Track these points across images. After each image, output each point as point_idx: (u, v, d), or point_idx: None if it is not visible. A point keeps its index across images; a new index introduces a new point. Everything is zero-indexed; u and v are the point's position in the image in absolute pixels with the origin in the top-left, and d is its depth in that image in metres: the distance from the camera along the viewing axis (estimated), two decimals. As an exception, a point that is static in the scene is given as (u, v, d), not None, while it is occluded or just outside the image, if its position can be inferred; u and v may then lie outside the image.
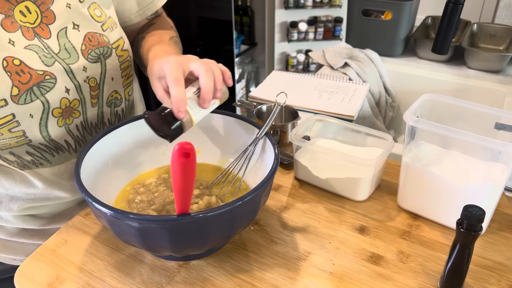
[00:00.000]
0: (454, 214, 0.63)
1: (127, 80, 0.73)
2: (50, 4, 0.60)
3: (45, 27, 0.60)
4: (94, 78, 0.66)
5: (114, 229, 0.52)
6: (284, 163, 0.79)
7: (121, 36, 0.69)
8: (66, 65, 0.61)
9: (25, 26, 0.58)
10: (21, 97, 0.58)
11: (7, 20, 0.57)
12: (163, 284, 0.56)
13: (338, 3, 2.19)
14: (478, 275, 0.57)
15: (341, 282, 0.56)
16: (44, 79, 0.59)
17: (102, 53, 0.65)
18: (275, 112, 0.66)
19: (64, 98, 0.62)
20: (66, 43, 0.62)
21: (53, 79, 0.60)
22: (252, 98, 1.07)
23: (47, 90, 0.60)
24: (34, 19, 0.59)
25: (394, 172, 0.76)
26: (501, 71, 1.36)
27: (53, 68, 0.60)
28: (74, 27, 0.62)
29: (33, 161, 0.65)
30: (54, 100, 0.61)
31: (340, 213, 0.68)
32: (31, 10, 0.59)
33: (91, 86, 0.66)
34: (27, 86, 0.58)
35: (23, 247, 0.73)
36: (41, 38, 0.60)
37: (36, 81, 0.59)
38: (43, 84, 0.59)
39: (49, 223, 0.73)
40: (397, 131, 1.55)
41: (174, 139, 0.55)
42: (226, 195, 0.63)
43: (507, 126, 0.63)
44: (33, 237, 0.73)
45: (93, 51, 0.64)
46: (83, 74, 0.64)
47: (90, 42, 0.64)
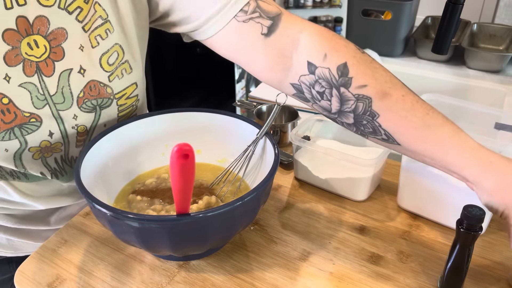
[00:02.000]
0: (454, 214, 0.63)
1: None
2: (62, 41, 0.56)
3: (51, 63, 0.56)
4: (84, 126, 0.61)
5: (114, 229, 0.52)
6: (284, 163, 0.79)
7: (135, 82, 0.63)
8: (55, 110, 0.58)
9: (29, 59, 0.54)
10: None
11: (12, 53, 0.53)
12: (163, 284, 0.56)
13: (338, 3, 2.19)
14: (478, 275, 0.57)
15: (341, 282, 0.56)
16: (29, 121, 0.56)
17: (99, 103, 0.61)
18: (275, 112, 0.66)
19: (45, 141, 0.59)
20: (65, 87, 0.57)
21: (38, 122, 0.57)
22: (252, 98, 1.07)
23: (29, 132, 0.57)
24: (41, 54, 0.55)
25: (394, 172, 0.76)
26: (501, 71, 1.36)
27: (42, 111, 0.57)
28: (80, 71, 0.58)
29: (12, 172, 0.63)
30: (33, 141, 0.58)
31: (340, 213, 0.68)
32: (39, 44, 0.55)
33: (79, 132, 0.62)
34: (8, 126, 0.55)
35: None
36: (41, 75, 0.56)
37: (20, 122, 0.56)
38: (26, 126, 0.56)
39: (23, 224, 0.71)
40: (397, 131, 1.55)
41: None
42: (226, 195, 0.63)
43: (507, 126, 0.63)
44: (7, 232, 0.72)
45: (89, 101, 0.60)
46: (72, 122, 0.60)
47: (90, 91, 0.59)
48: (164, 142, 0.69)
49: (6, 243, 0.72)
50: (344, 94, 0.54)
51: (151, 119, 0.67)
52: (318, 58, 0.55)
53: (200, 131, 0.69)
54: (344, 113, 0.56)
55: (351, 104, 0.54)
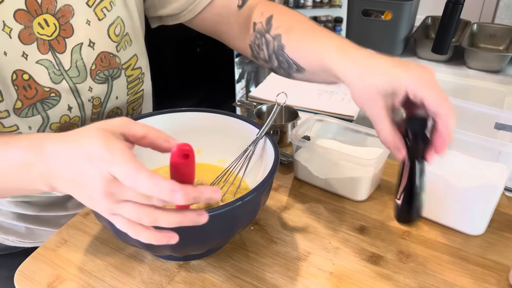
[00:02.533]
0: (454, 214, 0.63)
1: (134, 96, 0.72)
2: (70, 18, 0.59)
3: (62, 40, 0.59)
4: (98, 98, 0.66)
5: (114, 229, 0.52)
6: (284, 163, 0.79)
7: (135, 54, 0.68)
8: (72, 84, 0.62)
9: (42, 38, 0.58)
10: (23, 111, 0.59)
11: (25, 31, 0.56)
12: (163, 284, 0.56)
13: (338, 3, 2.19)
14: (478, 275, 0.57)
15: (341, 282, 0.56)
16: (49, 96, 0.60)
17: (110, 74, 0.65)
18: (275, 112, 0.66)
19: (65, 115, 0.63)
20: (78, 61, 0.61)
21: (58, 97, 0.61)
22: (252, 98, 1.07)
23: (50, 107, 0.61)
24: (52, 32, 0.58)
25: (394, 172, 0.76)
26: (501, 71, 1.36)
27: (60, 86, 0.60)
28: (90, 44, 0.62)
29: None
30: (54, 116, 0.62)
31: (340, 213, 0.68)
32: (49, 23, 0.58)
33: (94, 104, 0.66)
34: (31, 101, 0.58)
35: (15, 228, 0.75)
36: (55, 52, 0.59)
37: (41, 97, 0.59)
38: (47, 101, 0.60)
39: (42, 210, 0.74)
40: (397, 131, 1.55)
41: None
42: (226, 195, 0.63)
43: (507, 126, 0.63)
44: (26, 221, 0.74)
45: (102, 72, 0.64)
46: (88, 94, 0.64)
47: (101, 62, 0.63)
48: (164, 142, 0.69)
49: (24, 232, 0.74)
50: (268, 38, 0.65)
51: (151, 119, 0.67)
52: (259, 17, 0.66)
53: (200, 131, 0.69)
54: (271, 57, 0.65)
55: (271, 45, 0.64)
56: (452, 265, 0.59)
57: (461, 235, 0.64)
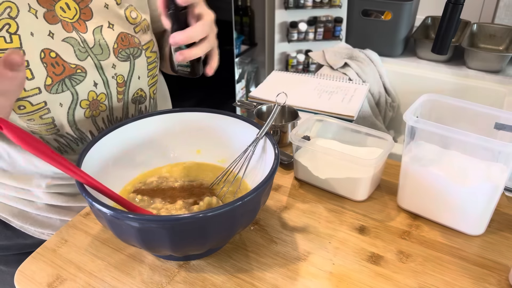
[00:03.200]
0: (454, 214, 0.64)
1: (153, 80, 0.76)
2: (89, 1, 0.65)
3: (82, 23, 0.65)
4: (121, 75, 0.70)
5: (114, 229, 0.52)
6: (284, 163, 0.79)
7: (152, 39, 0.74)
8: (97, 60, 0.66)
9: (65, 20, 0.63)
10: (53, 87, 0.62)
11: (49, 13, 0.61)
12: (163, 284, 0.56)
13: (338, 3, 2.19)
14: (478, 275, 0.57)
15: (341, 282, 0.56)
16: (76, 72, 0.64)
17: (132, 53, 0.70)
18: (275, 112, 0.66)
19: (91, 91, 0.67)
20: (101, 40, 0.66)
21: (84, 73, 0.65)
22: (252, 98, 1.07)
23: (77, 83, 0.65)
24: (73, 15, 0.64)
25: (394, 172, 0.76)
26: (501, 71, 1.36)
27: (85, 62, 0.65)
28: (109, 26, 0.67)
29: (59, 148, 0.70)
30: (82, 92, 0.66)
31: (340, 213, 0.68)
32: (70, 6, 0.64)
33: (118, 82, 0.70)
34: (59, 77, 0.63)
35: (50, 221, 0.77)
36: (78, 32, 0.64)
37: (68, 74, 0.63)
38: (74, 77, 0.64)
39: (72, 200, 0.76)
40: (397, 131, 1.55)
41: None
42: (227, 195, 0.63)
43: (507, 126, 0.63)
44: (59, 213, 0.77)
45: (123, 50, 0.68)
46: (111, 71, 0.68)
47: (122, 41, 0.68)
48: (164, 142, 0.69)
49: (59, 224, 0.77)
50: None
51: (151, 119, 0.67)
52: None
53: (200, 131, 0.69)
54: None
55: None
56: (452, 265, 0.59)
57: (461, 235, 0.64)
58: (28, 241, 0.78)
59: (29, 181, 0.73)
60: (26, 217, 0.76)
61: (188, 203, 0.60)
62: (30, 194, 0.74)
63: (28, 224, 0.76)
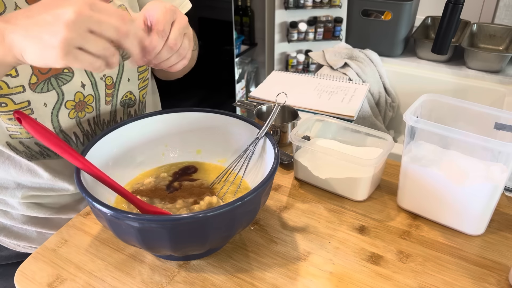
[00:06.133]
0: (454, 214, 0.64)
1: (143, 83, 0.75)
2: None
3: None
4: (110, 77, 0.68)
5: (114, 229, 0.52)
6: (284, 163, 0.79)
7: None
8: None
9: None
10: (38, 86, 0.61)
11: None
12: (163, 284, 0.56)
13: (338, 3, 2.19)
14: (478, 275, 0.57)
15: (341, 282, 0.56)
16: (63, 72, 0.63)
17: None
18: (275, 112, 0.66)
19: (78, 92, 0.65)
20: None
21: (71, 73, 0.64)
22: (252, 98, 1.07)
23: (64, 83, 0.63)
24: None
25: (394, 172, 0.76)
26: (500, 71, 1.36)
27: None
28: None
29: (41, 152, 0.67)
30: (69, 92, 0.64)
31: (340, 213, 0.68)
32: None
33: (107, 84, 0.68)
34: (45, 76, 0.61)
35: (27, 233, 0.75)
36: None
37: (55, 73, 0.62)
38: (61, 77, 0.63)
39: (54, 213, 0.74)
40: (397, 131, 1.55)
41: None
42: (227, 195, 0.63)
43: (507, 126, 0.63)
44: (37, 225, 0.74)
45: None
46: (100, 72, 0.65)
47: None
48: (164, 142, 0.69)
49: (36, 236, 0.74)
50: None
51: (151, 119, 0.67)
52: None
53: (200, 131, 0.69)
54: None
55: None
56: (452, 265, 0.59)
57: (461, 235, 0.64)
58: (3, 253, 0.75)
59: (4, 190, 0.70)
60: (0, 228, 0.74)
61: (188, 203, 0.60)
62: (5, 204, 0.72)
63: (2, 235, 0.74)
